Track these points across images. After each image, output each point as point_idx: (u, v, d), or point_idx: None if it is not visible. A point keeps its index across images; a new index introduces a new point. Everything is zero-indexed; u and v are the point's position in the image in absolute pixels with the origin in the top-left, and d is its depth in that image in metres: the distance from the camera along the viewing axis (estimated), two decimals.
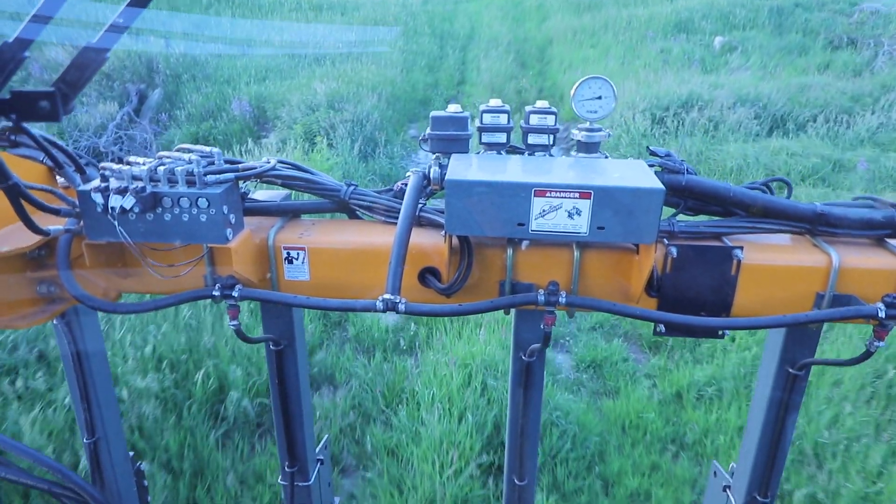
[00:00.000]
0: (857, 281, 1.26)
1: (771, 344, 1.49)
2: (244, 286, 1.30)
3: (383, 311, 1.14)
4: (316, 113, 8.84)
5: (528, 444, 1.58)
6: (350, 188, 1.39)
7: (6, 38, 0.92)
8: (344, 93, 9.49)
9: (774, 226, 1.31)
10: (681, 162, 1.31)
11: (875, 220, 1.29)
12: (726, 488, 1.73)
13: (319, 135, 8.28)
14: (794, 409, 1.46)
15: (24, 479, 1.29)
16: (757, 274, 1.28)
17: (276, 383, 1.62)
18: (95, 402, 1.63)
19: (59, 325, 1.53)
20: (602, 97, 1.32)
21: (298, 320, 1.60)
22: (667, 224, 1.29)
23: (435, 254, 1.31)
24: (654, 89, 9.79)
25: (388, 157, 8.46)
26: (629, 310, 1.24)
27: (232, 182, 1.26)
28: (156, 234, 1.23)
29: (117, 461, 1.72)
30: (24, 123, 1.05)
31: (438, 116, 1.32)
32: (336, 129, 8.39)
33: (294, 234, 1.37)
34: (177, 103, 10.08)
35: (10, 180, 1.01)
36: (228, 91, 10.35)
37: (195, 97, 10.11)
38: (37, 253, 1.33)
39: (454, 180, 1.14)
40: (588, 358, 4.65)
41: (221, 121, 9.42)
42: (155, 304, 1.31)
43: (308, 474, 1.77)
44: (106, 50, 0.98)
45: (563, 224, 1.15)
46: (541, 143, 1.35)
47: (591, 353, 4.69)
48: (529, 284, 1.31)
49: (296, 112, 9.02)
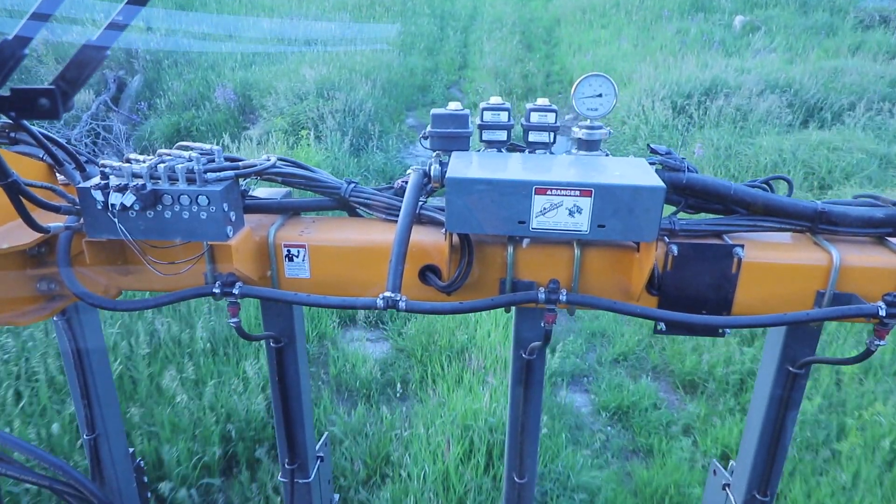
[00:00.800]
0: (857, 279, 1.32)
1: (771, 342, 1.55)
2: (244, 284, 1.36)
3: (384, 308, 1.20)
4: (304, 102, 8.47)
5: (529, 441, 1.65)
6: (350, 186, 1.45)
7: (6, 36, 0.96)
8: (335, 79, 9.20)
9: (775, 224, 1.36)
10: (681, 160, 1.36)
11: (876, 218, 1.34)
12: (726, 487, 1.80)
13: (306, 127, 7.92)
14: (795, 407, 1.53)
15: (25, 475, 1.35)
16: (758, 272, 1.33)
17: (276, 381, 1.69)
18: (96, 398, 1.70)
19: (59, 322, 1.60)
20: (602, 95, 1.38)
21: (299, 318, 1.67)
22: (667, 222, 1.35)
23: (435, 252, 1.37)
24: (673, 74, 9.30)
25: (382, 151, 8.13)
26: (629, 308, 1.30)
27: (232, 179, 1.32)
28: (156, 231, 1.29)
29: (117, 458, 1.79)
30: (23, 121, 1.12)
31: (439, 114, 1.38)
32: (325, 120, 8.07)
33: (294, 231, 1.44)
34: (157, 91, 9.77)
35: (9, 177, 1.07)
36: (213, 77, 10.04)
37: (177, 84, 9.80)
38: (37, 250, 1.39)
39: (455, 178, 1.19)
40: (612, 403, 4.04)
41: (205, 110, 9.15)
42: (155, 301, 1.38)
43: (308, 471, 1.85)
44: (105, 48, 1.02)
45: (563, 222, 1.21)
46: (541, 141, 1.41)
47: (615, 396, 4.09)
48: (530, 282, 1.38)
49: (282, 101, 8.69)
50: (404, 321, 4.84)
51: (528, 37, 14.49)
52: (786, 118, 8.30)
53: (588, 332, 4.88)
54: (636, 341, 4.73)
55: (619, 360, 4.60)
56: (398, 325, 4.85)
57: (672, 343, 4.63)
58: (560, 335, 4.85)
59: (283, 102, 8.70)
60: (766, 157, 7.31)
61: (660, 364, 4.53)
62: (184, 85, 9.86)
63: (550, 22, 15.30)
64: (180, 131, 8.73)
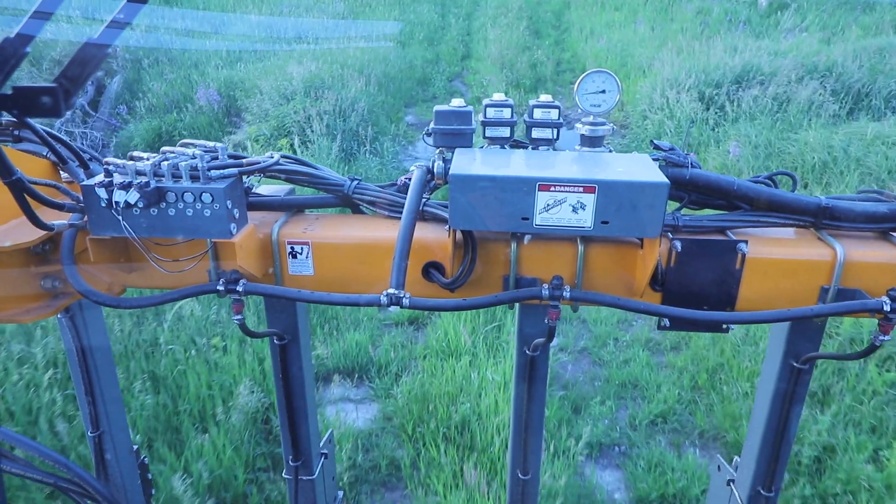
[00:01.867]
0: (862, 275, 1.39)
1: (775, 338, 1.63)
2: (248, 281, 1.44)
3: (387, 305, 1.27)
4: (291, 102, 8.16)
5: (533, 438, 1.75)
6: (353, 183, 1.53)
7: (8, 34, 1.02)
8: (325, 76, 8.93)
9: (779, 219, 1.44)
10: (685, 156, 1.43)
11: (880, 214, 1.41)
12: (730, 482, 1.89)
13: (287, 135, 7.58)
14: (799, 402, 1.60)
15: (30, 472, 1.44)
16: (761, 268, 1.40)
17: (280, 378, 1.78)
18: (100, 395, 1.79)
19: (63, 319, 1.69)
20: (606, 91, 1.46)
21: (302, 315, 1.75)
22: (671, 218, 1.41)
23: (439, 248, 1.44)
24: (699, 60, 8.89)
25: (376, 155, 7.83)
26: (633, 304, 1.38)
27: (236, 177, 1.39)
28: (160, 228, 1.36)
29: (121, 455, 1.89)
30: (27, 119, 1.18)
31: (442, 111, 1.45)
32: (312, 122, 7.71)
33: (298, 228, 1.52)
34: (137, 93, 9.55)
35: (13, 175, 1.13)
36: (196, 77, 9.83)
37: (158, 85, 9.59)
38: (41, 248, 1.46)
39: (458, 175, 1.26)
40: (653, 494, 3.37)
41: (187, 113, 8.93)
42: (160, 298, 1.45)
43: (312, 468, 1.95)
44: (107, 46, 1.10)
45: (567, 218, 1.28)
46: (544, 138, 1.49)
47: (656, 481, 3.44)
48: (533, 279, 1.45)
49: (266, 103, 8.39)
50: (394, 377, 4.34)
51: (535, 22, 14.21)
52: (829, 107, 7.63)
53: (617, 383, 4.33)
54: (676, 396, 4.10)
55: (657, 421, 3.96)
56: (387, 382, 4.31)
57: (722, 402, 3.96)
58: (583, 388, 4.29)
59: (267, 104, 8.42)
60: (814, 155, 6.62)
61: (708, 428, 3.87)
62: (165, 86, 9.65)
63: (560, 5, 15.00)
64: (161, 136, 8.52)
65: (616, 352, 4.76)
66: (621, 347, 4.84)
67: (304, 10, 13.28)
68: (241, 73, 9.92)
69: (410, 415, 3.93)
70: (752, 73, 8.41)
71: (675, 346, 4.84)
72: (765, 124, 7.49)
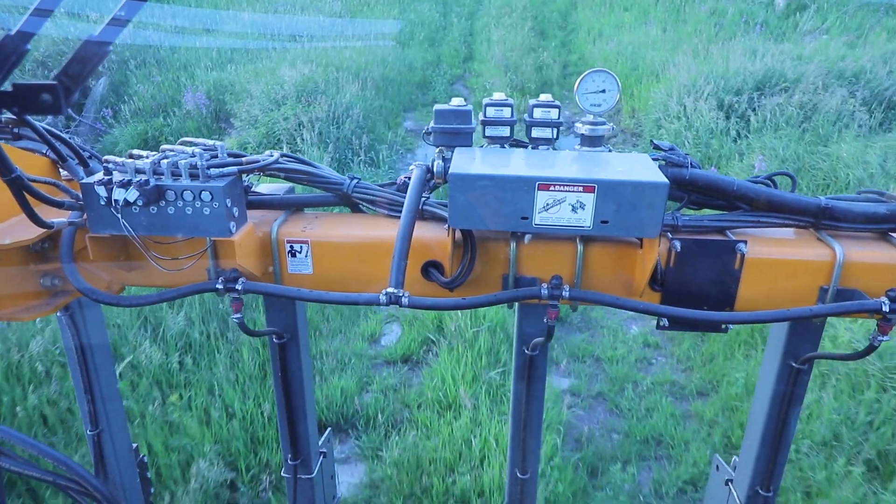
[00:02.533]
0: (861, 275, 1.44)
1: (774, 338, 1.68)
2: (247, 279, 1.49)
3: (386, 304, 1.31)
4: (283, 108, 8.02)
5: (531, 437, 1.80)
6: (353, 182, 1.58)
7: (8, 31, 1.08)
8: (319, 79, 8.76)
9: (778, 220, 1.49)
10: (684, 156, 1.47)
11: (879, 214, 1.46)
12: (728, 482, 1.94)
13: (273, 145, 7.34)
14: (798, 402, 1.66)
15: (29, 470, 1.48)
16: (761, 268, 1.45)
17: (279, 376, 1.84)
18: (99, 394, 1.85)
19: (62, 317, 1.74)
20: (606, 90, 1.51)
21: (302, 314, 1.80)
22: (670, 218, 1.46)
23: (438, 248, 1.49)
24: (717, 66, 8.59)
25: (372, 165, 7.68)
26: (632, 304, 1.42)
27: (235, 175, 1.44)
28: (159, 227, 1.40)
29: (120, 453, 1.95)
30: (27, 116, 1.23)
31: (442, 110, 1.50)
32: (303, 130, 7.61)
33: (297, 227, 1.57)
34: (122, 96, 9.49)
35: (13, 173, 1.18)
36: (184, 79, 9.82)
37: (144, 87, 9.52)
38: (40, 245, 1.51)
39: (458, 174, 1.31)
40: None
41: (174, 117, 8.87)
42: (159, 297, 1.50)
43: (311, 467, 2.01)
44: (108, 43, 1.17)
45: (566, 218, 1.33)
46: (544, 137, 1.54)
47: None
48: (533, 278, 1.50)
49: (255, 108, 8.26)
50: (384, 433, 4.00)
51: (541, 22, 14.02)
52: (860, 118, 7.24)
53: (639, 439, 3.97)
54: (707, 458, 3.68)
55: (687, 489, 3.55)
56: (375, 439, 3.91)
57: None
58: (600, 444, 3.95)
59: (256, 109, 8.27)
60: (848, 171, 6.22)
61: None
62: (152, 88, 9.54)
63: (566, 4, 14.73)
64: (147, 141, 8.41)
65: (636, 398, 4.34)
66: (641, 393, 4.42)
67: (300, 8, 13.14)
68: (232, 75, 9.81)
69: (400, 488, 3.54)
70: (775, 79, 8.07)
71: (701, 391, 4.41)
72: (791, 136, 7.12)
